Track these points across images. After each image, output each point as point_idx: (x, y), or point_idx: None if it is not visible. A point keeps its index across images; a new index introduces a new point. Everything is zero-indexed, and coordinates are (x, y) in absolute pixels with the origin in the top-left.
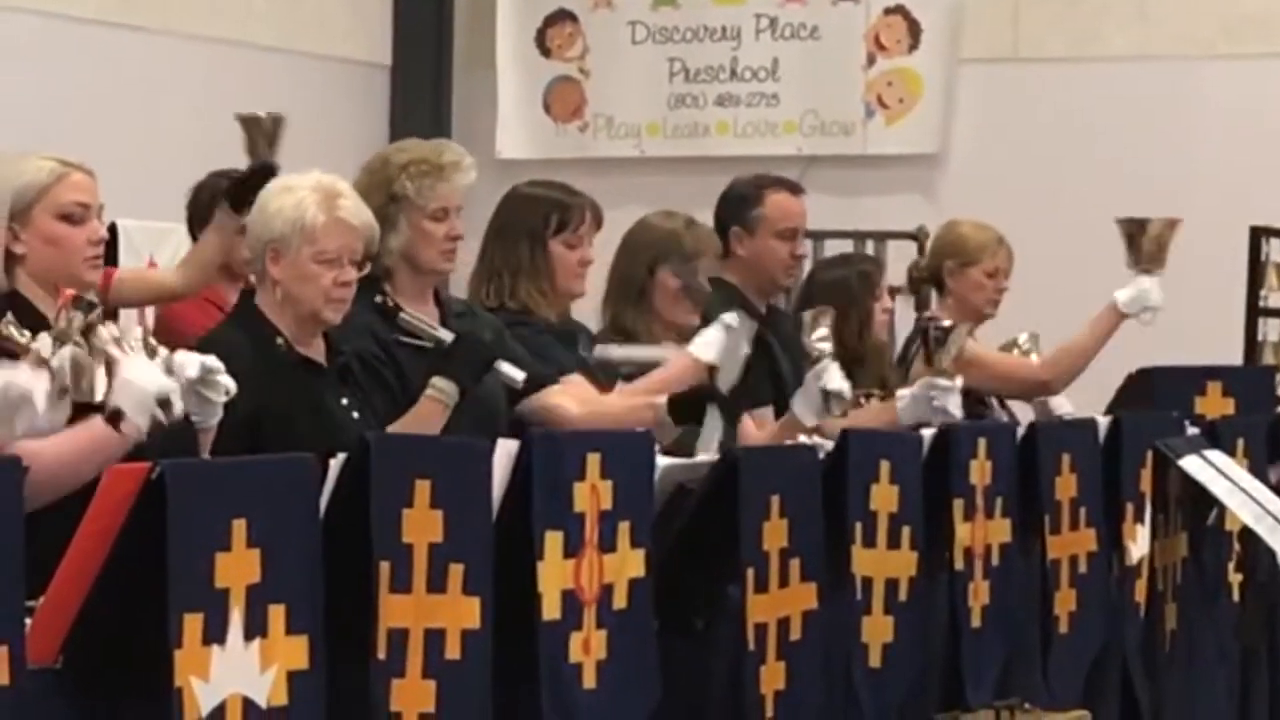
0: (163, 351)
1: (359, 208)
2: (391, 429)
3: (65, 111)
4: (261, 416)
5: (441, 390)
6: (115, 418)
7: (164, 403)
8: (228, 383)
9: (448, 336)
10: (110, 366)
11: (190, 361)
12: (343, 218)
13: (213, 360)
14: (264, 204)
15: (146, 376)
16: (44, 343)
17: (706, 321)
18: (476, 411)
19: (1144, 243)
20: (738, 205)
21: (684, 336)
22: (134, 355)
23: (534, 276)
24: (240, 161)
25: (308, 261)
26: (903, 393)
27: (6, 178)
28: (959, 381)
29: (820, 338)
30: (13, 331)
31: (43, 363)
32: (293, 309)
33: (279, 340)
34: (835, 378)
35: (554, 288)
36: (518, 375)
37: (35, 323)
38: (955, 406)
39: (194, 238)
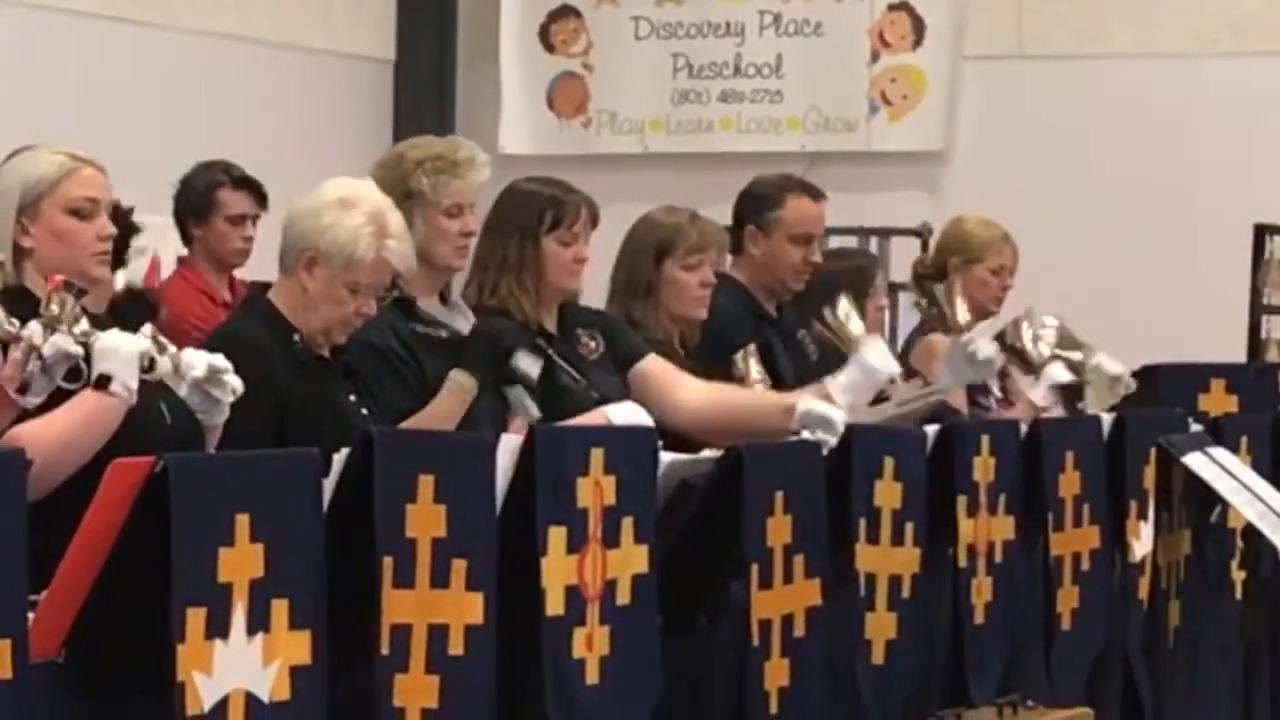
0: (171, 348)
1: (404, 248)
2: (410, 423)
3: (67, 106)
4: (284, 411)
5: (459, 384)
6: (103, 383)
7: (145, 359)
8: (235, 383)
9: (465, 328)
10: (88, 343)
11: (198, 361)
12: (386, 258)
13: (220, 360)
14: (317, 209)
15: (125, 339)
16: (34, 330)
17: (713, 320)
18: (496, 409)
19: (1020, 351)
20: (756, 205)
21: (690, 331)
22: (106, 330)
23: (519, 273)
24: (237, 157)
25: (341, 286)
26: (935, 367)
27: (17, 171)
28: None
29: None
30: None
31: (34, 349)
32: (310, 317)
33: (295, 336)
34: (985, 347)
35: (543, 284)
36: (533, 369)
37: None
38: (990, 349)
39: (183, 231)
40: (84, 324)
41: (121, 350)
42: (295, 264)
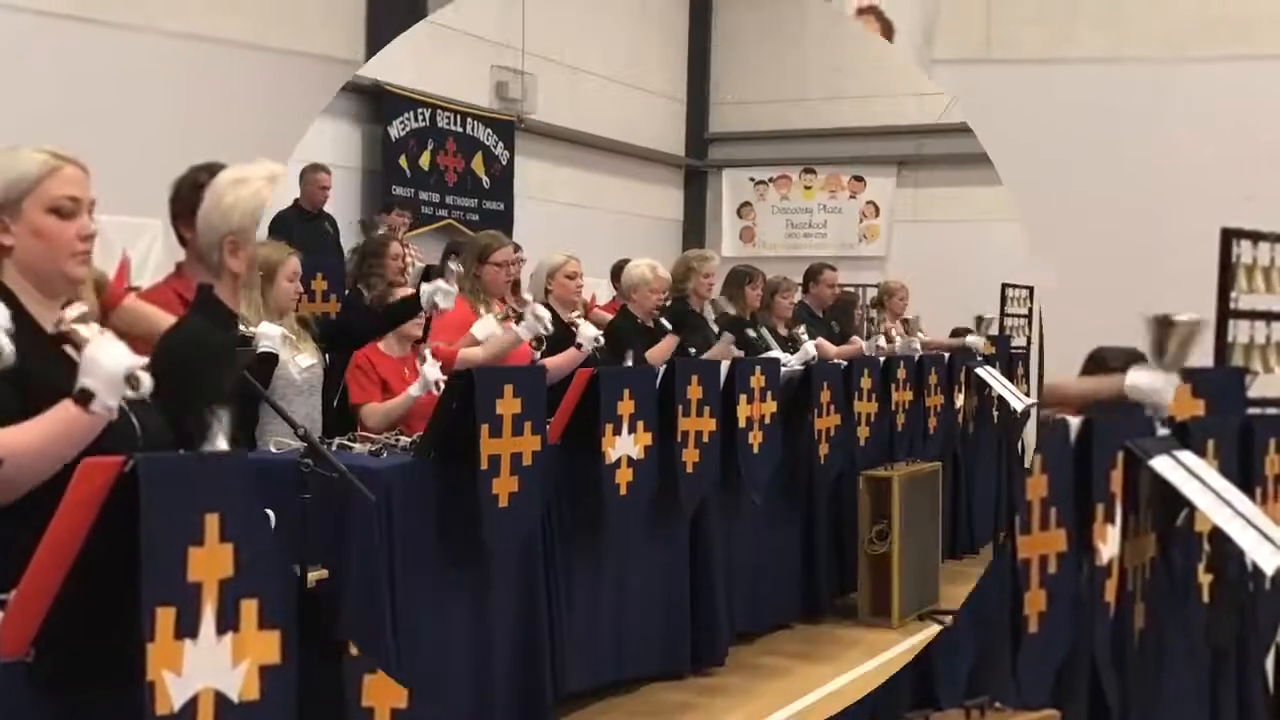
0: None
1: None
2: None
3: (40, 106)
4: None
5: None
6: (84, 398)
7: (132, 380)
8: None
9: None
10: (78, 346)
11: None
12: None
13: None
14: (218, 197)
15: (114, 354)
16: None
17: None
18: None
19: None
20: None
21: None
22: (102, 334)
23: None
24: (208, 156)
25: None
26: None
27: None
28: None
29: None
30: (77, 328)
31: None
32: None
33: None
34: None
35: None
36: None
37: (19, 316)
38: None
39: (178, 233)
40: (76, 313)
41: (105, 367)
42: (221, 258)
